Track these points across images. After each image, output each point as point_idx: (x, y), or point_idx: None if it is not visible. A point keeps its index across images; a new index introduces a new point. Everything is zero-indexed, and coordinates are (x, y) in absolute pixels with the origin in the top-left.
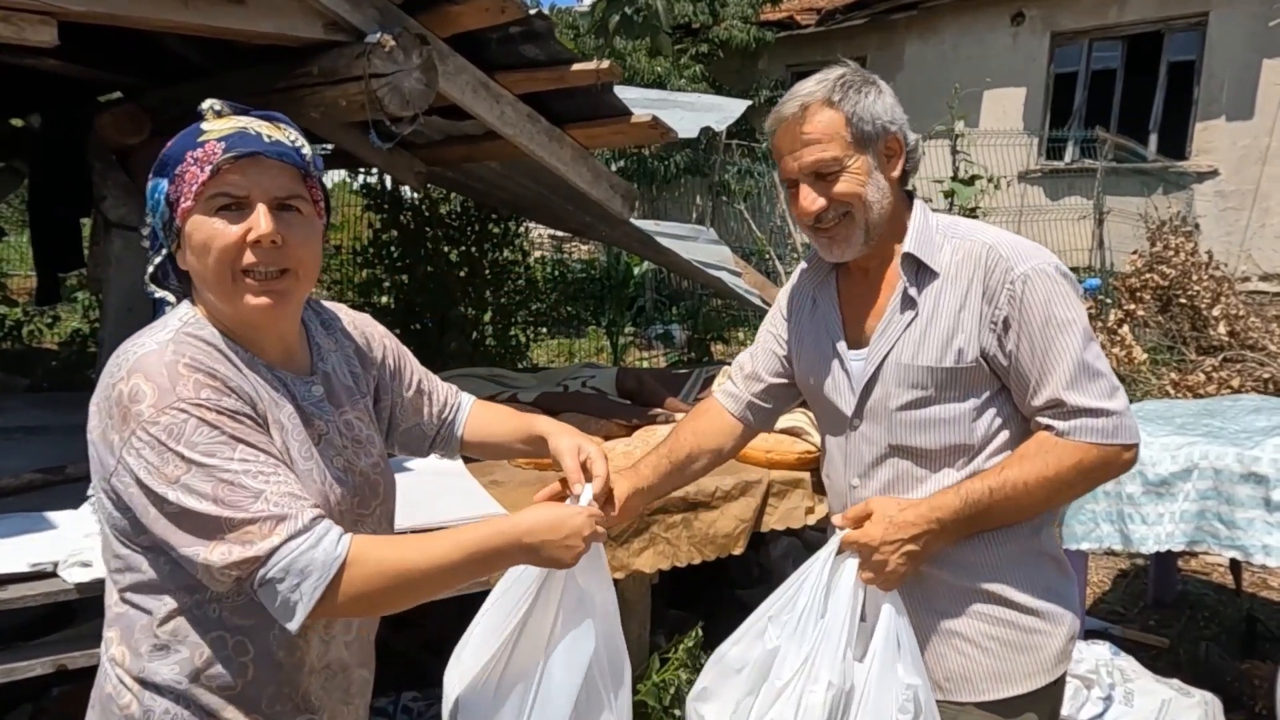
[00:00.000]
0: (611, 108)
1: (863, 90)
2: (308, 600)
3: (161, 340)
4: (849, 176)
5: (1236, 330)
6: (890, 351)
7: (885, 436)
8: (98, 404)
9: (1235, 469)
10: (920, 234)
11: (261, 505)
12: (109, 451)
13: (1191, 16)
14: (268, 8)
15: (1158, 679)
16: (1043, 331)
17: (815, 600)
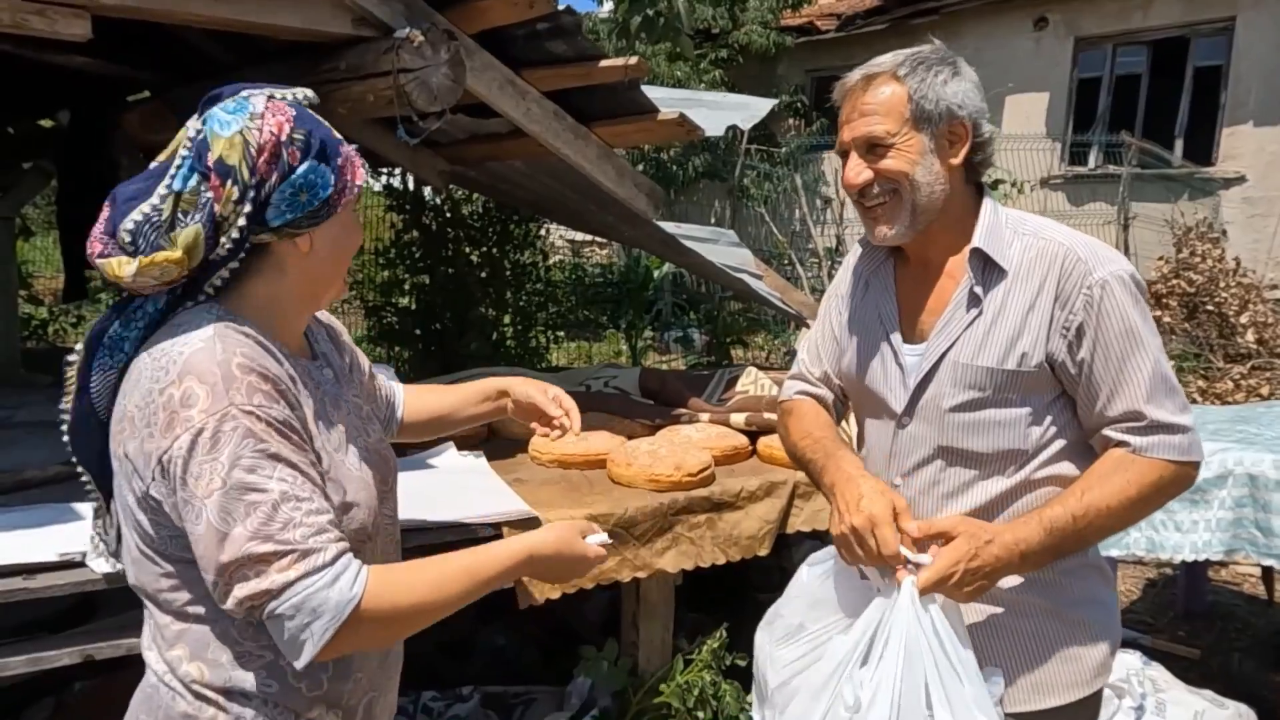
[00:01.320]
0: (638, 105)
1: (935, 69)
2: (316, 641)
3: (206, 337)
4: (898, 153)
5: (1265, 338)
6: (950, 349)
7: (936, 437)
8: (135, 412)
9: (1272, 475)
10: (990, 230)
11: (288, 535)
12: (147, 463)
13: (1218, 21)
14: (296, 2)
15: (1190, 689)
16: (1121, 341)
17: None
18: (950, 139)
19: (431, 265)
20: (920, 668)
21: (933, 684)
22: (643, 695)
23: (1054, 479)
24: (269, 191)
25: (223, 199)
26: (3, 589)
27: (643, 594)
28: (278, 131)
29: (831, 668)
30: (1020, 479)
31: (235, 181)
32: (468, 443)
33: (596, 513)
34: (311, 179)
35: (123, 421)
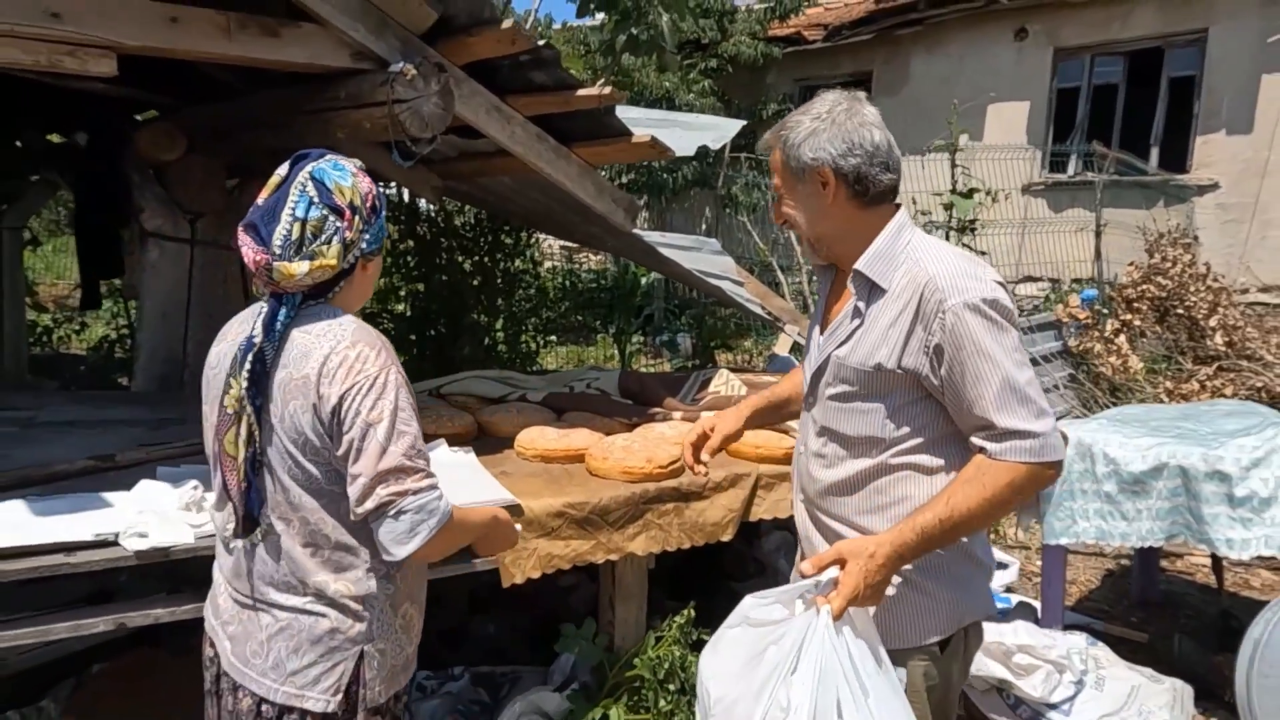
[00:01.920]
0: (613, 129)
1: (800, 129)
2: (426, 534)
3: (355, 321)
4: (787, 203)
5: (1234, 340)
6: (835, 349)
7: (822, 417)
8: (305, 376)
9: (1201, 468)
10: (878, 254)
11: (420, 461)
12: (316, 411)
13: (1192, 33)
14: (301, 39)
15: (1130, 667)
16: (972, 360)
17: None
18: (821, 184)
19: (426, 273)
20: (833, 684)
21: (845, 694)
22: (618, 669)
23: (911, 466)
24: (370, 228)
25: (353, 228)
26: (49, 564)
27: (618, 577)
28: (370, 188)
29: (768, 672)
30: (879, 461)
31: (360, 217)
32: (458, 440)
33: (573, 501)
34: (383, 223)
35: (286, 386)
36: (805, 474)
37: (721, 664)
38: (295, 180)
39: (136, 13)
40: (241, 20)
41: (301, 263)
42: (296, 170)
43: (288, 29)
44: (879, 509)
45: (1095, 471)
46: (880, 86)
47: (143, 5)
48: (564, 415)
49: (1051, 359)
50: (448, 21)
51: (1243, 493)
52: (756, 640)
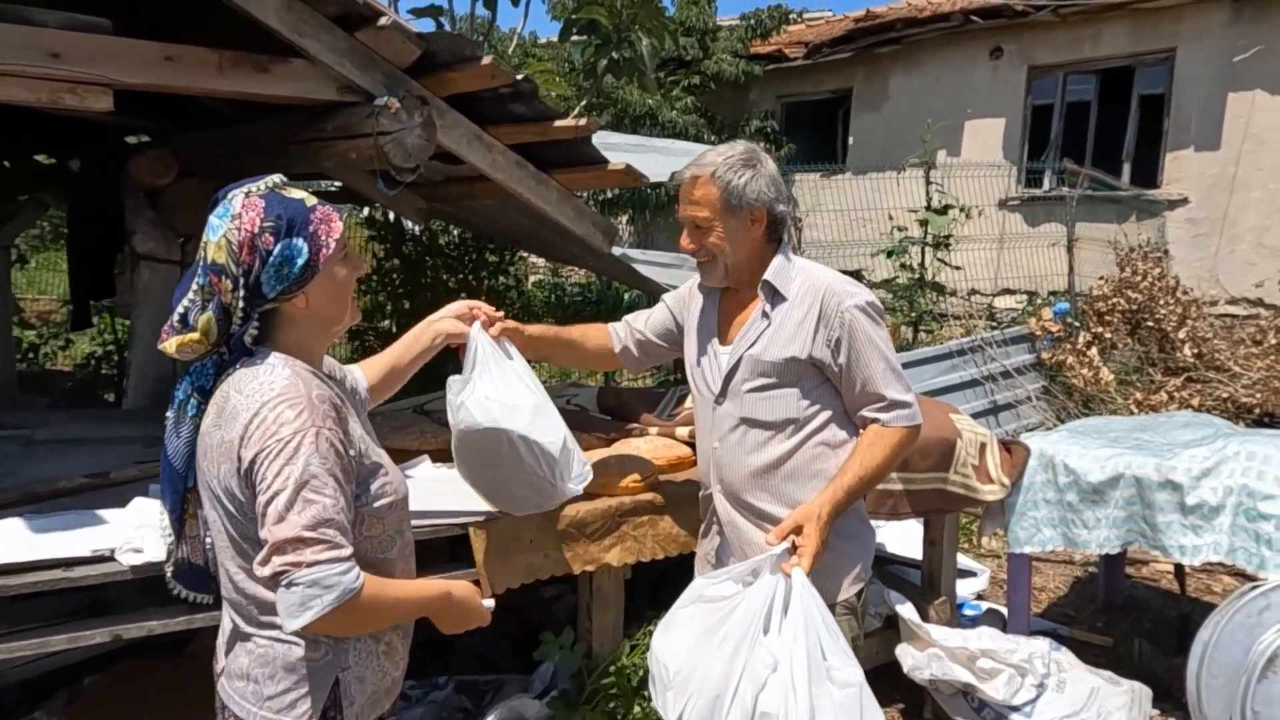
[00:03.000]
0: (590, 157)
1: (741, 173)
2: (316, 610)
3: (288, 375)
4: (715, 234)
5: (1203, 352)
6: (748, 349)
7: (738, 410)
8: (230, 438)
9: (1154, 478)
10: (778, 270)
11: (330, 531)
12: (238, 470)
13: (1160, 52)
14: (290, 74)
15: (1090, 670)
16: (865, 347)
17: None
18: (751, 220)
19: (411, 291)
20: (815, 631)
21: (825, 641)
22: (596, 676)
23: (823, 441)
24: (256, 276)
25: (223, 290)
26: (48, 578)
27: (596, 586)
28: (250, 227)
29: (738, 638)
30: (798, 439)
31: (227, 275)
32: (441, 456)
33: (552, 513)
34: (287, 254)
35: (218, 449)
36: (724, 465)
37: (676, 640)
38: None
39: (134, 52)
40: (234, 58)
41: (172, 339)
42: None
43: (278, 65)
44: (803, 480)
45: (1057, 482)
46: (860, 103)
47: (140, 45)
48: None
49: (1025, 371)
50: (431, 57)
51: (1193, 501)
52: (711, 614)
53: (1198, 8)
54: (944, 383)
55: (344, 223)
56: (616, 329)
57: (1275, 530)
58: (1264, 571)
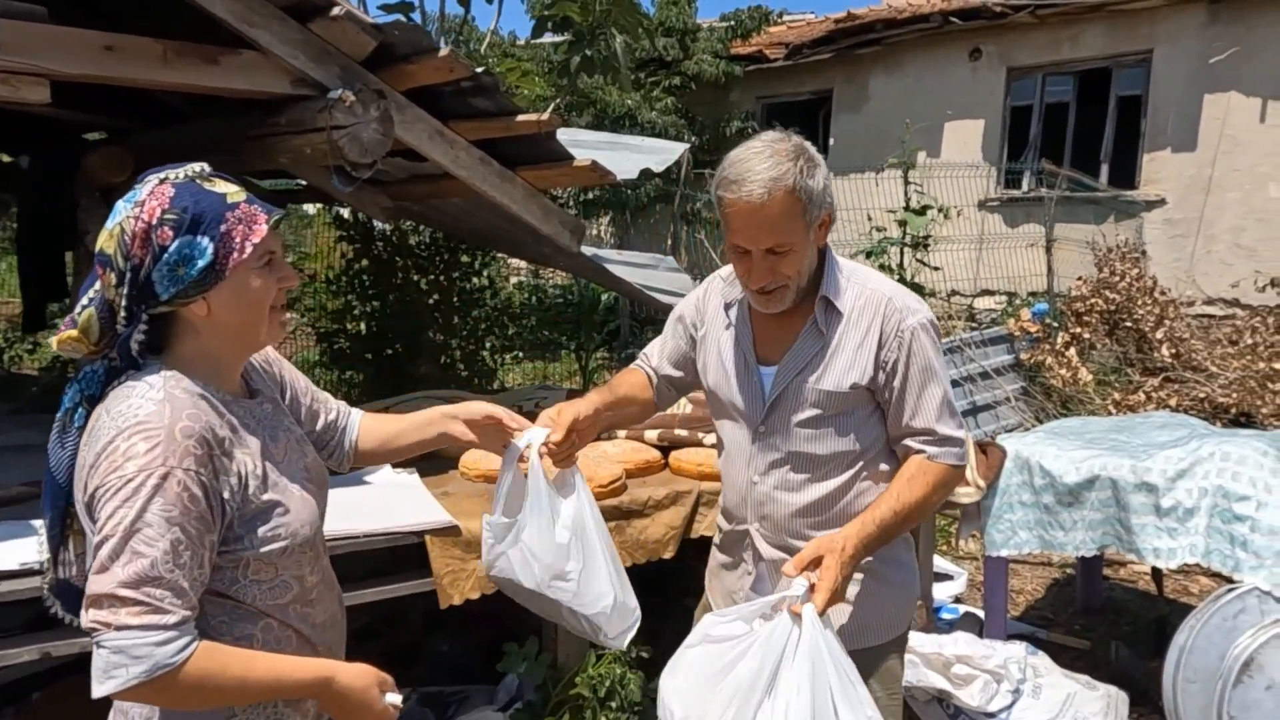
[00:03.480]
0: (555, 153)
1: (812, 174)
2: (123, 681)
3: (158, 400)
4: (795, 256)
5: (1180, 352)
6: (798, 375)
7: (785, 444)
8: (90, 459)
9: (1130, 479)
10: (830, 280)
11: (156, 593)
12: (87, 498)
13: (1137, 53)
14: (241, 66)
15: (1067, 674)
16: (921, 375)
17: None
18: (821, 226)
19: (382, 292)
20: (825, 680)
21: (836, 691)
22: (561, 687)
23: (873, 474)
24: (147, 273)
25: (107, 285)
26: None
27: None
28: (149, 217)
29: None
30: (849, 475)
31: (113, 268)
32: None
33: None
34: (186, 253)
35: (82, 470)
36: (765, 502)
37: (683, 683)
38: None
39: (72, 41)
40: (180, 48)
41: (55, 336)
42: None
43: (227, 57)
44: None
45: (1033, 484)
46: (841, 104)
47: (77, 33)
48: None
49: (1003, 372)
50: (388, 49)
51: (1169, 503)
52: (718, 657)
53: (1174, 10)
54: None
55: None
56: (647, 372)
57: (1250, 532)
58: (1239, 574)
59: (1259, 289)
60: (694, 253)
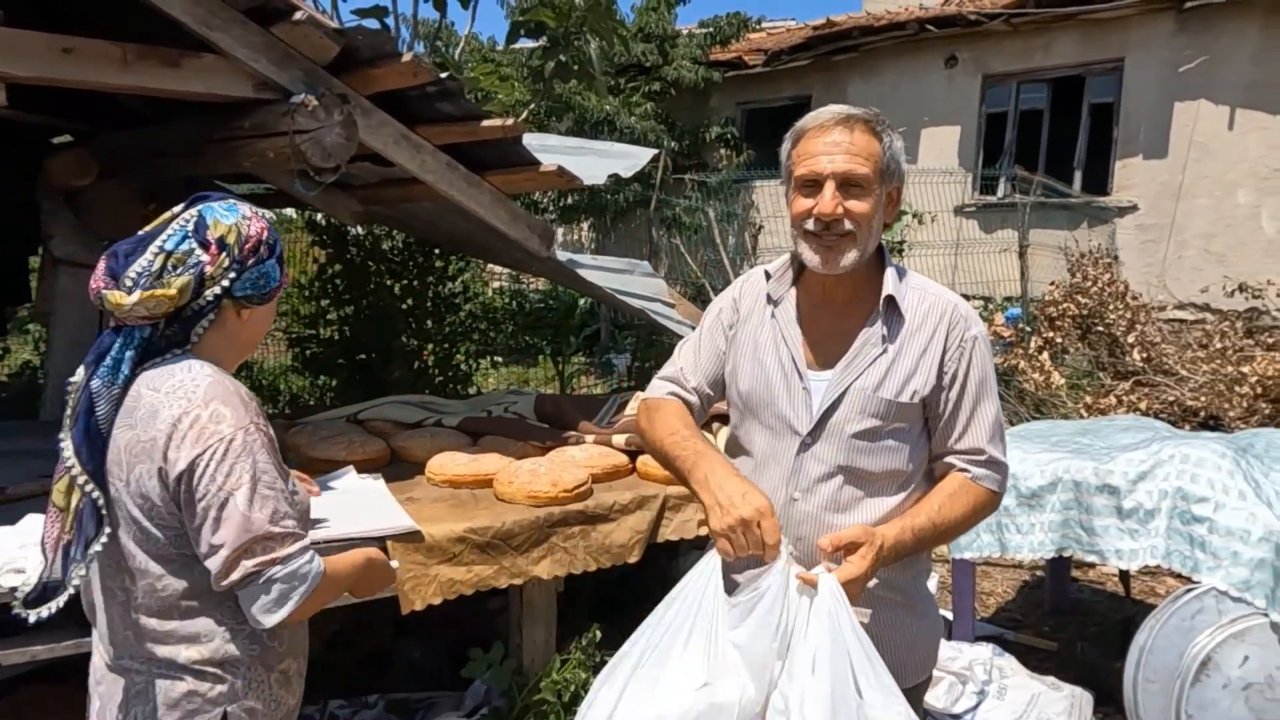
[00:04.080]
0: (521, 158)
1: (890, 134)
2: (296, 601)
3: (210, 373)
4: (868, 199)
5: (1151, 356)
6: (857, 379)
7: (836, 457)
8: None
9: (1092, 481)
10: (894, 281)
11: (290, 523)
12: (164, 477)
13: (1109, 62)
14: (201, 70)
15: (1032, 676)
16: (978, 389)
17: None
18: (889, 199)
19: (355, 297)
20: (846, 656)
21: (859, 669)
22: (527, 693)
23: (918, 495)
24: (244, 270)
25: (215, 264)
26: None
27: (526, 600)
28: (260, 232)
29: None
30: (899, 498)
31: (228, 254)
32: (370, 466)
33: (477, 526)
34: (269, 271)
35: (132, 449)
36: (806, 522)
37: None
38: (181, 216)
39: (27, 44)
40: (140, 51)
41: (134, 293)
42: (188, 208)
43: (189, 60)
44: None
45: None
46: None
47: (33, 36)
48: (479, 440)
49: None
50: (351, 54)
51: (1130, 505)
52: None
53: (1144, 19)
54: None
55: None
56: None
57: (1208, 533)
58: (1198, 574)
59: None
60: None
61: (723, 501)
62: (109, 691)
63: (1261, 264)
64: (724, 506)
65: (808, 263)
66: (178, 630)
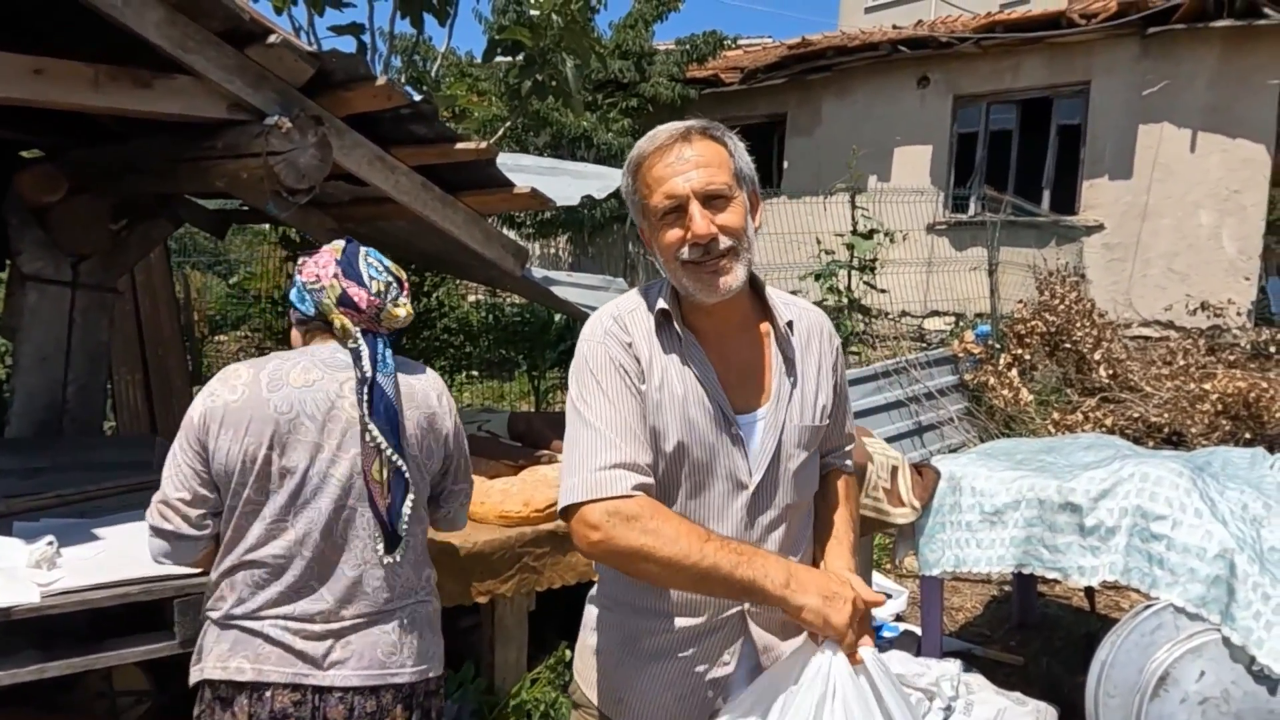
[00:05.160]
0: (494, 179)
1: (732, 138)
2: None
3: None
4: (736, 207)
5: (1117, 373)
6: (785, 415)
7: (782, 497)
8: (430, 416)
9: (1055, 499)
10: (779, 299)
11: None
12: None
13: (1076, 84)
14: (175, 90)
15: (998, 691)
16: (844, 386)
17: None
18: (753, 202)
19: None
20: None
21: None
22: (496, 712)
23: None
24: None
25: (405, 294)
26: None
27: (498, 619)
28: None
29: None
30: (809, 512)
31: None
32: None
33: (447, 547)
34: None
35: (417, 428)
36: None
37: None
38: (358, 252)
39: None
40: (111, 72)
41: (401, 308)
42: (353, 245)
43: (161, 81)
44: (804, 551)
45: (960, 504)
46: (794, 128)
47: (4, 57)
48: None
49: (948, 392)
50: (325, 76)
51: (1091, 522)
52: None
53: (1109, 44)
54: (869, 404)
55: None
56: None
57: (1166, 550)
58: (1156, 591)
59: (1190, 312)
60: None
61: (834, 591)
62: (367, 642)
63: (1223, 283)
64: (838, 595)
65: (696, 295)
66: (425, 556)
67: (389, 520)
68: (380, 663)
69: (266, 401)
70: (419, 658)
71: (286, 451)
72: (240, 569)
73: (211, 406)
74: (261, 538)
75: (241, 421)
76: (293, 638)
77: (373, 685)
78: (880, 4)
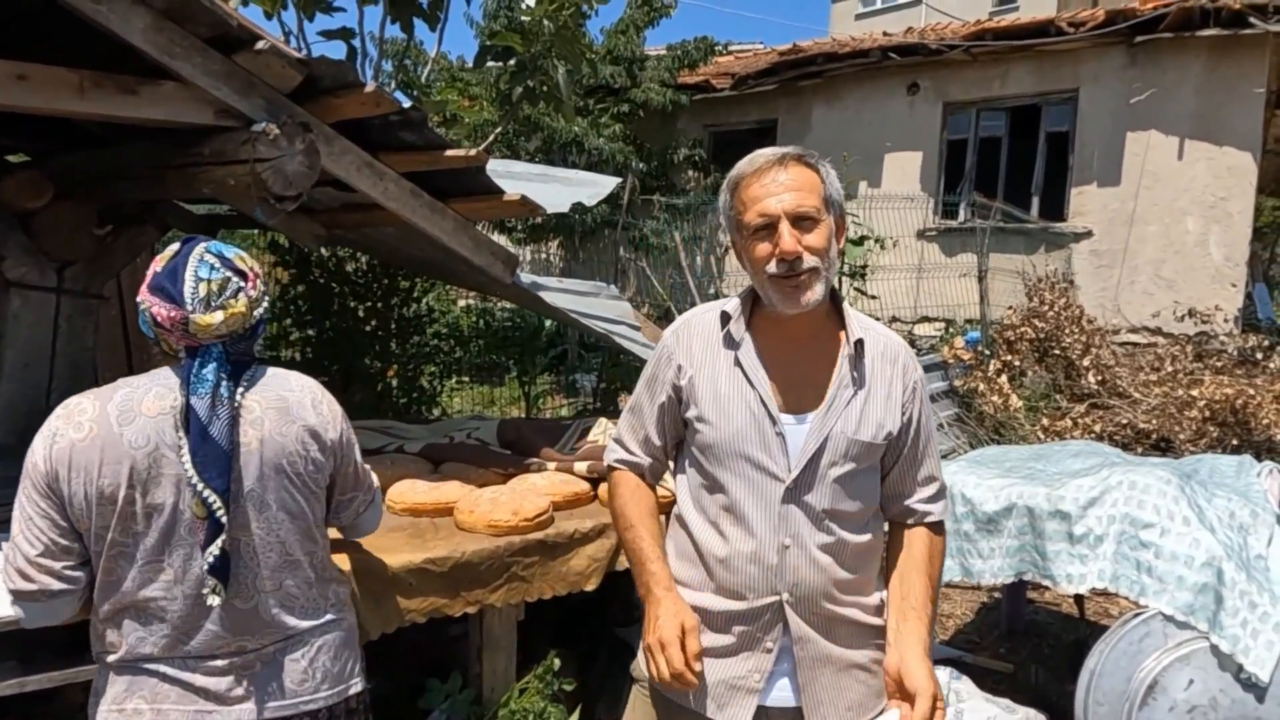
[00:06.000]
0: (484, 186)
1: (825, 166)
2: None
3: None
4: (822, 230)
5: (1105, 379)
6: (836, 424)
7: (822, 501)
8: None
9: (1045, 507)
10: (857, 320)
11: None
12: (318, 454)
13: (1064, 91)
14: (161, 97)
15: (988, 698)
16: (928, 424)
17: None
18: (838, 226)
19: (318, 318)
20: None
21: None
22: None
23: (877, 532)
24: (265, 296)
25: (255, 288)
26: None
27: (486, 629)
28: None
29: None
30: (869, 536)
31: (260, 280)
32: None
33: (435, 556)
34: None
35: (297, 443)
36: (800, 569)
37: None
38: (191, 253)
39: None
40: (96, 78)
41: (215, 313)
42: (189, 245)
43: (147, 87)
44: (868, 573)
45: (955, 512)
46: (785, 134)
47: None
48: (440, 466)
49: (938, 398)
50: (314, 83)
51: (1080, 530)
52: None
53: (1096, 52)
54: None
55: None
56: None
57: (1154, 558)
58: (1145, 598)
59: (1178, 318)
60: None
61: (647, 623)
62: (272, 671)
63: (1209, 289)
64: (645, 628)
65: (778, 306)
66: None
67: (203, 560)
68: (292, 691)
69: (119, 437)
70: (334, 680)
71: (150, 489)
72: (121, 613)
73: (57, 448)
74: (137, 580)
75: (92, 462)
76: (191, 675)
77: (284, 716)
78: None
